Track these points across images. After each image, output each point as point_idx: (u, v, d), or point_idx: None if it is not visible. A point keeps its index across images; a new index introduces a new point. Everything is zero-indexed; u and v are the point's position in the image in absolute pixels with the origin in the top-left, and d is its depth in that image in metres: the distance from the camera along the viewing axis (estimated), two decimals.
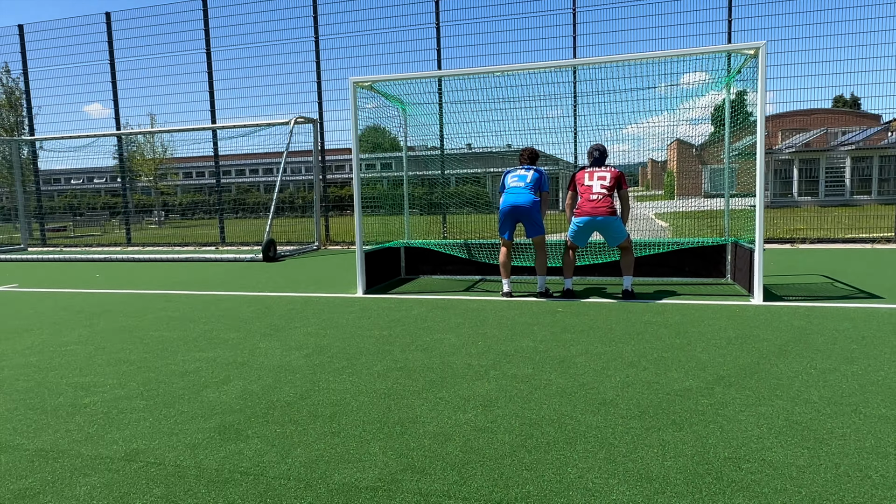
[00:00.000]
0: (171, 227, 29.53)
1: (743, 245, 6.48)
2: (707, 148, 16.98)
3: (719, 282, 7.11)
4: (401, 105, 8.13)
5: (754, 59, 5.92)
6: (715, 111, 8.59)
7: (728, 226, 7.43)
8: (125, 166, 15.94)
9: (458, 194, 12.80)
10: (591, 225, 6.07)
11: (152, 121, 22.91)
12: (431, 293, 6.87)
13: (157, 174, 37.16)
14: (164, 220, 33.57)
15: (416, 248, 8.15)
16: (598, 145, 6.35)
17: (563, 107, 9.80)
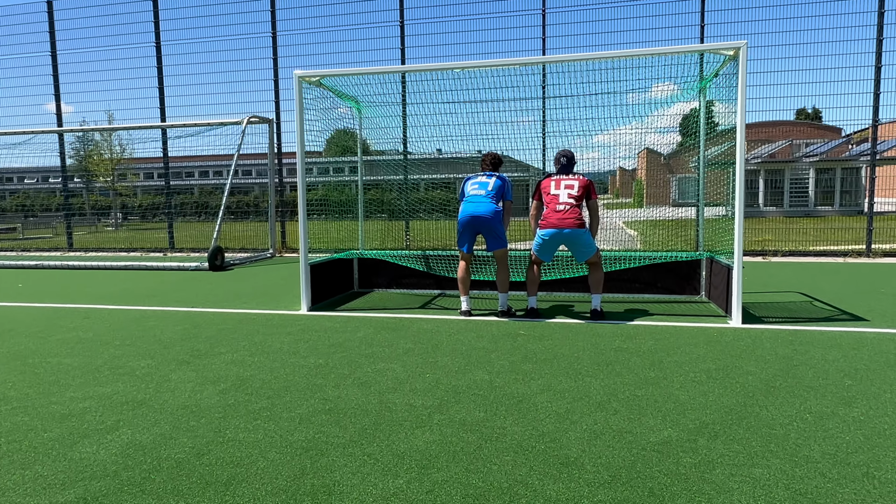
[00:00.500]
0: (128, 230, 28.25)
1: (720, 261, 6.02)
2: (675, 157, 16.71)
3: (693, 299, 6.65)
4: (356, 105, 7.51)
5: (733, 60, 5.47)
6: (683, 121, 8.22)
7: (702, 239, 6.99)
8: (65, 166, 14.91)
9: (427, 200, 12.22)
10: (557, 238, 5.53)
11: (110, 119, 21.81)
12: (383, 310, 6.25)
13: (114, 175, 35.63)
14: (121, 222, 32.17)
15: (370, 260, 7.52)
16: (566, 151, 5.82)
17: (532, 110, 9.33)
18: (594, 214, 5.72)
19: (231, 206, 14.57)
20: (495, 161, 6.05)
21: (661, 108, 7.33)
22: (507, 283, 5.87)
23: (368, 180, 9.74)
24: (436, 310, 6.26)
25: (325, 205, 8.36)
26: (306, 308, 6.25)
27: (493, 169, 6.04)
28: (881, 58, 10.23)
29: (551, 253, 5.71)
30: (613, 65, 6.27)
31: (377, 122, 7.79)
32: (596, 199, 5.69)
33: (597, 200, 5.70)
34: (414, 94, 7.38)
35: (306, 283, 6.25)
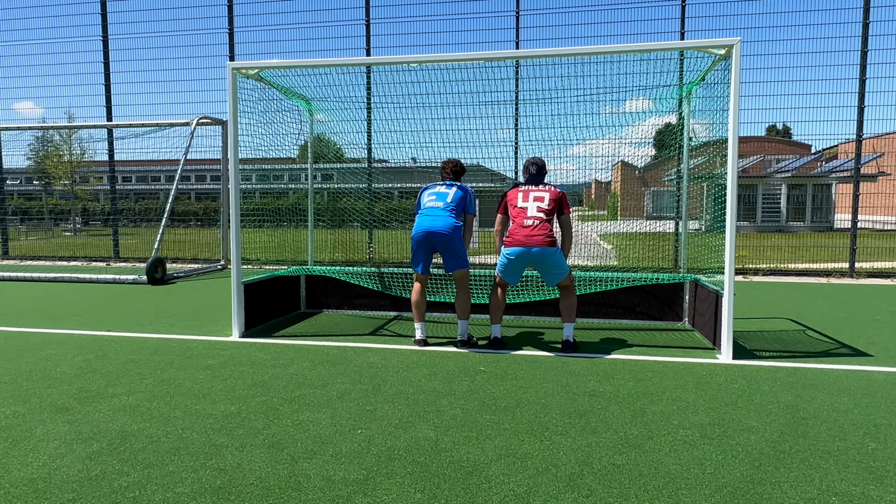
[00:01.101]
0: (87, 235, 26.88)
1: (706, 286, 5.38)
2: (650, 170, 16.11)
3: (675, 326, 6.00)
4: (306, 106, 6.74)
5: (724, 61, 4.86)
6: (658, 134, 7.70)
7: (685, 259, 6.36)
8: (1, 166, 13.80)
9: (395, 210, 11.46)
10: (524, 257, 4.83)
11: (70, 118, 20.62)
12: (327, 337, 5.47)
13: (74, 177, 34.14)
14: (81, 227, 30.71)
15: (320, 277, 6.73)
16: (536, 159, 5.14)
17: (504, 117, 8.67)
18: (567, 231, 5.03)
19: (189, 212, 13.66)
20: (457, 169, 5.34)
21: (638, 121, 6.79)
22: (468, 309, 5.14)
23: (324, 188, 8.95)
24: (388, 337, 5.50)
25: (279, 213, 7.57)
26: (238, 334, 5.43)
27: (455, 178, 5.33)
28: (865, 70, 9.83)
29: (518, 274, 5.01)
30: (589, 70, 5.67)
31: (331, 127, 7.02)
32: (569, 214, 5.01)
33: (570, 215, 5.02)
34: (373, 96, 6.65)
35: (238, 305, 5.44)
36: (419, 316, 5.15)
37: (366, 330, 5.81)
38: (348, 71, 6.46)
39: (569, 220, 5.01)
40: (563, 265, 4.89)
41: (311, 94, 6.64)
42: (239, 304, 5.44)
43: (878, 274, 10.17)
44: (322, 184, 9.16)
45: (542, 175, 5.12)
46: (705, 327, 5.33)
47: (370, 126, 9.97)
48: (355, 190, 10.92)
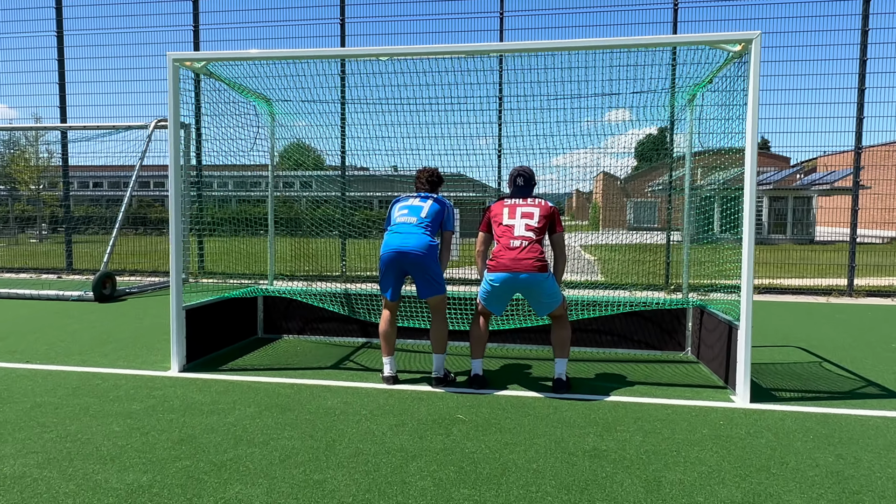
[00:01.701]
0: (54, 242, 25.65)
1: (715, 315, 4.75)
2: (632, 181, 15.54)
3: (678, 357, 5.37)
4: (266, 106, 6.03)
5: (738, 59, 4.26)
6: (639, 146, 7.18)
7: (686, 282, 5.74)
8: None
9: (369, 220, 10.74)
10: (510, 284, 4.15)
11: (37, 121, 19.56)
12: (283, 371, 4.73)
13: (40, 182, 32.87)
14: (47, 234, 29.43)
15: (279, 298, 5.99)
16: (523, 168, 4.48)
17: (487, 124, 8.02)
18: (560, 252, 4.37)
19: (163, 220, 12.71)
20: (433, 179, 4.67)
21: (635, 128, 6.25)
22: (445, 341, 4.44)
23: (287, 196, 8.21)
24: (353, 371, 4.78)
25: (254, 223, 6.85)
26: (177, 368, 4.67)
27: (431, 189, 4.65)
28: (864, 80, 9.39)
29: (504, 303, 4.32)
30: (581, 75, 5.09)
31: (295, 132, 6.30)
32: (562, 232, 4.34)
33: (563, 233, 4.36)
34: (343, 100, 5.96)
35: (179, 334, 4.68)
36: (388, 349, 4.44)
37: (328, 361, 5.08)
38: (314, 72, 5.78)
39: (562, 239, 4.35)
40: (556, 293, 4.22)
41: (274, 95, 5.95)
42: (179, 333, 4.67)
43: (877, 292, 9.69)
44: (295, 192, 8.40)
45: (531, 187, 4.47)
46: (714, 361, 4.70)
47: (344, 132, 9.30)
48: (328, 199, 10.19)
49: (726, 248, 5.30)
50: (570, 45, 4.27)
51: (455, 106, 5.96)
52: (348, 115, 7.78)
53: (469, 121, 6.32)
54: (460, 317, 5.54)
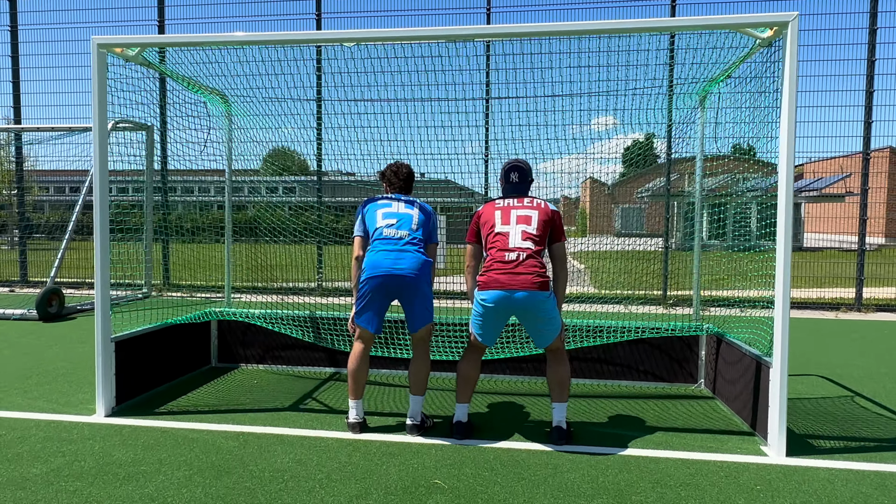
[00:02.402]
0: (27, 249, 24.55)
1: (736, 346, 4.09)
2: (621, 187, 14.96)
3: (689, 391, 4.71)
4: (222, 105, 5.30)
5: (768, 46, 3.62)
6: (626, 151, 6.68)
7: (698, 302, 5.09)
8: None
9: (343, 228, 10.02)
10: (506, 305, 3.46)
11: (7, 122, 18.61)
12: (230, 415, 3.99)
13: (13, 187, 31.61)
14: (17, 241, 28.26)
15: (235, 323, 5.25)
16: (518, 162, 3.78)
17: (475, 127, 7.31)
18: (560, 266, 3.65)
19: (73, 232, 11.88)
20: (411, 178, 3.97)
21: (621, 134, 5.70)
22: (426, 381, 3.74)
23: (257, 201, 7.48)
24: (314, 413, 4.05)
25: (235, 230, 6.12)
26: (104, 412, 3.91)
27: (408, 189, 3.96)
28: (873, 82, 8.85)
29: (497, 330, 3.63)
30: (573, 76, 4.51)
31: (253, 135, 5.56)
32: (564, 241, 3.65)
33: (565, 243, 3.67)
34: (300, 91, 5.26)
35: (106, 371, 3.92)
36: (356, 391, 3.72)
37: (288, 399, 4.35)
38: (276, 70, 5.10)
39: (564, 250, 3.64)
40: (556, 318, 3.53)
41: (233, 93, 5.24)
42: (106, 371, 3.92)
43: (888, 307, 9.13)
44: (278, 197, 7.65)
45: (528, 184, 3.77)
46: (736, 400, 4.03)
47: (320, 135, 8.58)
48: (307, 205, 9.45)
49: (742, 257, 4.72)
50: (565, 30, 3.61)
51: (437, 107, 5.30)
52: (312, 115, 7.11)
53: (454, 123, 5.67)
54: (444, 343, 4.85)
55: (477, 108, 8.47)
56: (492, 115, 8.18)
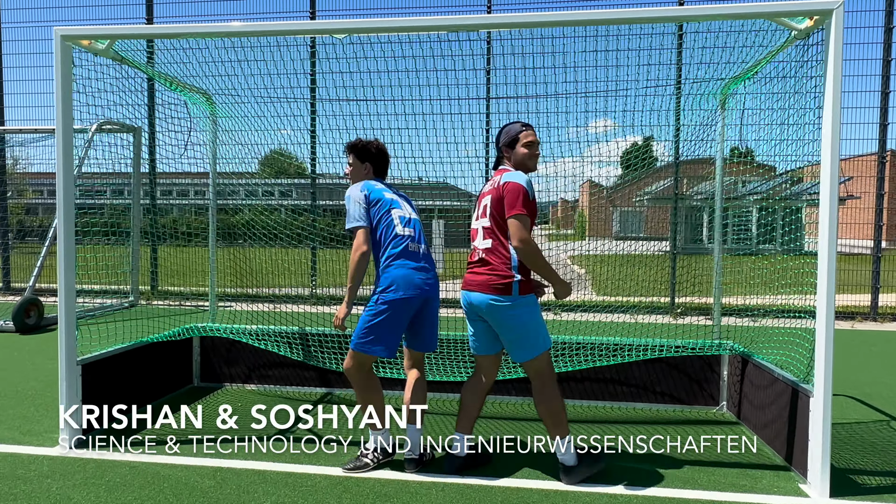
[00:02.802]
0: (20, 253, 24.07)
1: (767, 369, 3.72)
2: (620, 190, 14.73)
3: (711, 414, 4.34)
4: (206, 105, 4.92)
5: (805, 38, 3.26)
6: (624, 155, 6.43)
7: (719, 315, 4.73)
8: None
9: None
10: (468, 309, 3.20)
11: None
12: (208, 447, 3.61)
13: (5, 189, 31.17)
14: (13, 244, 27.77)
15: (220, 339, 4.87)
16: (503, 127, 3.32)
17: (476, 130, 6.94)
18: (521, 254, 3.03)
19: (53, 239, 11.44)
20: (385, 159, 3.58)
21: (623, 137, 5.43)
22: (425, 402, 3.39)
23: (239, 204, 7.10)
24: (302, 444, 3.67)
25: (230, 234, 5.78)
26: (68, 443, 3.53)
27: (384, 175, 3.61)
28: (888, 83, 8.51)
29: (483, 337, 3.23)
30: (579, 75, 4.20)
31: (241, 137, 5.16)
32: (520, 214, 2.97)
33: (523, 216, 2.97)
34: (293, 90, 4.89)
35: (70, 397, 3.53)
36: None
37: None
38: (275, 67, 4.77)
39: (516, 227, 2.97)
40: (528, 329, 3.05)
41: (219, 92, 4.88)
42: (70, 398, 3.54)
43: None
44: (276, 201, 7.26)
45: (500, 153, 3.30)
46: (767, 429, 3.67)
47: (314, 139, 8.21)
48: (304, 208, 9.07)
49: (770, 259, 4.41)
50: (574, 19, 3.26)
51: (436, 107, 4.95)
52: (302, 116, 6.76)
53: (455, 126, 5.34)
54: (447, 362, 4.48)
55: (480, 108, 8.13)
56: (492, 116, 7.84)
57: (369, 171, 3.46)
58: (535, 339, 3.07)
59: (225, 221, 5.59)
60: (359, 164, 3.46)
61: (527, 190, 3.02)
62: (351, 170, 3.48)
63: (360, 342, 3.20)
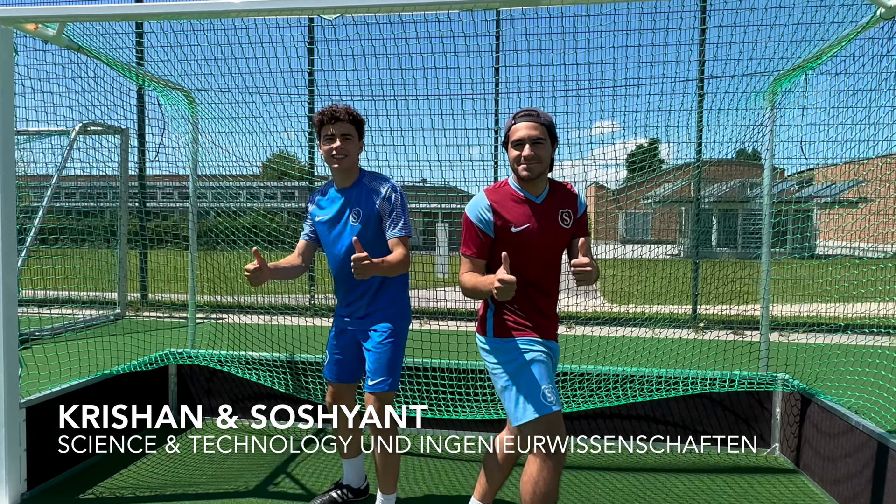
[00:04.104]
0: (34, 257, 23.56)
1: (843, 416, 3.13)
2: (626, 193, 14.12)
3: (761, 458, 3.76)
4: (187, 105, 4.35)
5: (891, 18, 2.69)
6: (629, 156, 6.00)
7: (766, 341, 4.14)
8: None
9: None
10: None
11: None
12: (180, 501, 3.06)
13: None
14: None
15: (197, 367, 4.31)
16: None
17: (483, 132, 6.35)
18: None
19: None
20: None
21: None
22: None
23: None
24: (285, 502, 3.11)
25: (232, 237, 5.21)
26: (8, 500, 2.97)
27: None
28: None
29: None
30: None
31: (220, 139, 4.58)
32: (462, 253, 2.44)
33: (463, 259, 2.44)
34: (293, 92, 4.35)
35: (12, 448, 2.97)
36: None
37: (257, 474, 3.40)
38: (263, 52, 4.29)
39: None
40: (502, 381, 2.37)
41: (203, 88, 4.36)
42: (12, 448, 2.96)
43: None
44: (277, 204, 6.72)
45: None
46: (839, 485, 3.08)
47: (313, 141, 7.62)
48: None
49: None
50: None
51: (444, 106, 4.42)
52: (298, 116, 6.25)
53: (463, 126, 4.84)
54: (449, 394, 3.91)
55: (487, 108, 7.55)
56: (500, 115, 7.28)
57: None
58: (509, 396, 2.32)
59: (222, 226, 5.04)
60: (358, 141, 2.77)
61: (471, 223, 2.38)
62: (349, 146, 2.69)
63: (395, 381, 2.73)
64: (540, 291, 2.42)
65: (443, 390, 3.96)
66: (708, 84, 5.22)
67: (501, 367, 2.37)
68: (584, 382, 3.85)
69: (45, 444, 3.18)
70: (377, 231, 2.70)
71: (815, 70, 3.42)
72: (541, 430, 2.23)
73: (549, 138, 2.36)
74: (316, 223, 2.85)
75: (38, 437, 3.14)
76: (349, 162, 2.71)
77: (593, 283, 2.24)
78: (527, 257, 2.37)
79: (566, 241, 2.47)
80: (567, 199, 2.48)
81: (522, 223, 2.38)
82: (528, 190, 2.41)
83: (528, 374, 2.30)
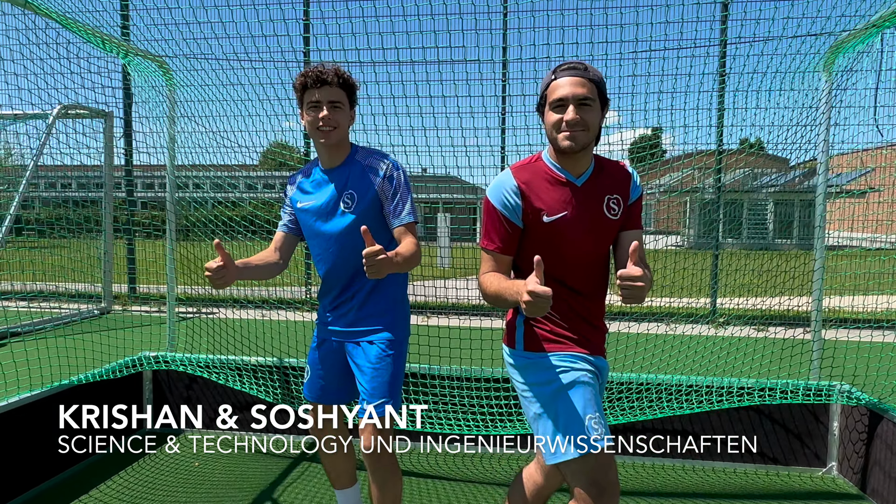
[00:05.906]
0: (13, 248, 23.07)
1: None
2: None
3: (816, 479, 3.30)
4: (162, 76, 3.87)
5: None
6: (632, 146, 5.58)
7: (818, 330, 3.66)
8: None
9: None
10: None
11: None
12: None
13: None
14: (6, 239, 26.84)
15: (176, 372, 3.83)
16: None
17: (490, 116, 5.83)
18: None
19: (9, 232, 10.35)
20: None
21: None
22: None
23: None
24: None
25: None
26: None
27: None
28: None
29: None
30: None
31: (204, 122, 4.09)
32: (482, 247, 1.99)
33: (483, 253, 1.97)
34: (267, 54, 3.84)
35: None
36: None
37: (241, 496, 2.94)
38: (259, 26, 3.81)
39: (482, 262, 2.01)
40: (533, 405, 1.89)
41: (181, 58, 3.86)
42: None
43: None
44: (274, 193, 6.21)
45: None
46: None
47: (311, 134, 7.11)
48: None
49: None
50: None
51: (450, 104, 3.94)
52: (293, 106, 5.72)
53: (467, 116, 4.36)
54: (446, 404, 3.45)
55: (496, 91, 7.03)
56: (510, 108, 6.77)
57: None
58: (540, 425, 1.86)
59: (222, 216, 4.55)
60: (350, 111, 2.26)
61: (494, 209, 1.90)
62: (339, 115, 2.19)
63: (396, 404, 2.23)
64: (581, 295, 1.94)
65: (443, 399, 3.50)
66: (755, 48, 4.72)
67: (533, 390, 1.89)
68: (623, 393, 3.39)
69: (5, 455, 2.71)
70: (376, 218, 2.21)
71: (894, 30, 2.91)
72: (585, 473, 1.75)
73: (599, 99, 1.84)
74: (297, 211, 2.32)
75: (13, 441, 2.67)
76: (339, 135, 2.20)
77: (643, 301, 1.70)
78: (562, 255, 1.88)
79: (613, 235, 1.96)
80: (617, 180, 1.95)
81: (557, 211, 1.88)
82: (566, 168, 1.90)
83: (568, 400, 1.81)
